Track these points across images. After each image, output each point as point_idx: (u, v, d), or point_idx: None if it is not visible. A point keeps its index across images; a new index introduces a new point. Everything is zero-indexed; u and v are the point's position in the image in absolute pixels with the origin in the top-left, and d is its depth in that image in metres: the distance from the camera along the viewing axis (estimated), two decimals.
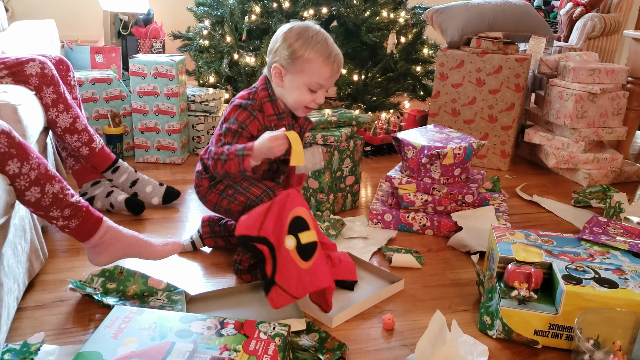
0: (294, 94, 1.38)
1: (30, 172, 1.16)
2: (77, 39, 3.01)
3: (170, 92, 2.28)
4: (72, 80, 1.85)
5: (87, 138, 1.79)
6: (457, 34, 2.49)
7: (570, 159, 2.37)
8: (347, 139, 1.92)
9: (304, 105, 1.39)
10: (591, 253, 1.43)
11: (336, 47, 1.38)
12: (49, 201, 1.22)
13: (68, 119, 1.73)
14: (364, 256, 1.64)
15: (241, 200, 1.44)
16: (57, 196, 1.22)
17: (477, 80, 2.45)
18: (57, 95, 1.70)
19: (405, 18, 2.73)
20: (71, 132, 1.75)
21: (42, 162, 1.20)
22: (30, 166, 1.16)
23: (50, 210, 1.24)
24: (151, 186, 1.94)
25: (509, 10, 2.53)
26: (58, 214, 1.25)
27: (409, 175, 1.87)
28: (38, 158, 1.19)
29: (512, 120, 2.45)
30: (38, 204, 1.21)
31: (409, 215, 1.84)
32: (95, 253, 1.34)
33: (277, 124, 1.41)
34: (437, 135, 1.92)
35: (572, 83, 2.32)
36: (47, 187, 1.20)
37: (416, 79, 2.84)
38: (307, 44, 1.33)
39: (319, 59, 1.33)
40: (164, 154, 2.38)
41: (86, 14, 3.04)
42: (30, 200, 1.20)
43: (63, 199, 1.24)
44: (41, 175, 1.19)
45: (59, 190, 1.22)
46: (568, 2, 3.10)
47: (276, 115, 1.42)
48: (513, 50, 2.47)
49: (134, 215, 1.86)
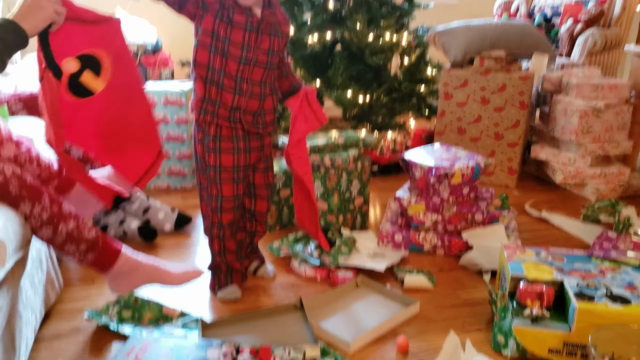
0: None
1: (42, 212, 1.18)
2: None
3: (181, 120, 2.32)
4: None
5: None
6: (460, 54, 2.52)
7: (577, 175, 2.38)
8: (354, 160, 1.95)
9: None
10: (602, 269, 1.43)
11: None
12: (62, 239, 1.23)
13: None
14: (378, 267, 1.66)
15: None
16: (72, 234, 1.24)
17: (482, 98, 2.47)
18: None
19: (408, 40, 2.76)
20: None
21: (56, 201, 1.22)
22: (42, 207, 1.19)
23: (65, 246, 1.25)
24: (163, 212, 1.97)
25: (510, 29, 2.57)
26: (74, 249, 1.27)
27: (418, 195, 1.89)
28: (51, 198, 1.21)
29: (517, 137, 2.47)
30: (52, 241, 1.23)
31: (419, 235, 1.85)
32: (116, 283, 1.36)
33: (234, 7, 1.33)
34: (444, 154, 1.94)
35: (576, 99, 2.34)
36: (60, 227, 1.22)
37: (421, 98, 2.87)
38: None
39: None
40: (174, 180, 2.41)
41: None
42: (43, 238, 1.22)
43: (78, 236, 1.25)
44: (54, 215, 1.21)
45: (74, 227, 1.24)
46: (568, 18, 3.14)
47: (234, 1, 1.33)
48: (516, 68, 2.50)
49: (146, 242, 1.88)
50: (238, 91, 1.38)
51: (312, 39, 2.57)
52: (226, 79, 1.36)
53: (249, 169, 1.50)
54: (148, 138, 1.45)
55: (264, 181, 1.56)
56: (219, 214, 1.48)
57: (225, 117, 1.39)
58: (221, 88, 1.37)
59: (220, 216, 1.48)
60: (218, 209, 1.48)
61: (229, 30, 1.33)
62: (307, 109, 1.50)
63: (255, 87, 1.40)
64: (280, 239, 1.86)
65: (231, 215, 1.49)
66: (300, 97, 1.50)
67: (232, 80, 1.37)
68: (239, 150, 1.44)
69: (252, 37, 1.36)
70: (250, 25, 1.35)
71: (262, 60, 1.39)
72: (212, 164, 1.44)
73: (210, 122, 1.41)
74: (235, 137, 1.43)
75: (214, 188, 1.47)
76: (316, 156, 1.89)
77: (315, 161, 1.89)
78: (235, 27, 1.34)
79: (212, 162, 1.44)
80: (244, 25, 1.34)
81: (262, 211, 1.60)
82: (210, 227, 1.52)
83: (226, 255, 1.54)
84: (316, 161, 1.89)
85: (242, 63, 1.36)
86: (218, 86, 1.37)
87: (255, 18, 1.36)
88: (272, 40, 1.40)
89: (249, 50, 1.36)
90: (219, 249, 1.54)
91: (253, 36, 1.36)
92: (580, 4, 3.22)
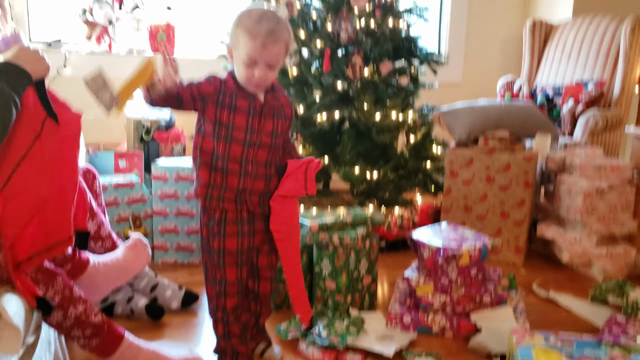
0: (237, 70, 1.39)
1: (54, 296, 1.21)
2: (100, 142, 3.15)
3: (190, 195, 2.36)
4: (98, 188, 1.93)
5: (110, 245, 1.84)
6: (465, 134, 2.59)
7: (583, 254, 2.39)
8: (362, 239, 1.97)
9: (247, 80, 1.38)
10: (612, 356, 1.42)
11: (273, 22, 1.35)
12: (70, 323, 1.25)
13: (93, 226, 1.79)
14: (387, 352, 1.64)
15: None
16: (80, 318, 1.26)
17: (487, 177, 2.52)
18: None
19: (413, 118, 2.85)
20: (95, 239, 1.81)
21: (68, 285, 1.24)
22: (55, 290, 1.21)
23: (72, 330, 1.27)
24: (170, 290, 1.97)
25: (513, 111, 2.65)
26: (79, 333, 1.28)
27: (426, 275, 1.89)
28: (64, 281, 1.24)
29: (523, 216, 2.50)
30: (60, 326, 1.25)
31: (428, 317, 1.84)
32: None
33: (237, 93, 1.39)
34: (452, 234, 1.96)
35: (580, 179, 2.38)
36: (70, 311, 1.24)
37: (427, 175, 2.92)
38: (241, 21, 1.35)
39: (246, 33, 1.33)
40: (182, 255, 2.43)
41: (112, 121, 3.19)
42: (52, 322, 1.24)
43: (85, 320, 1.27)
44: (65, 299, 1.23)
45: (82, 311, 1.26)
46: (569, 99, 3.23)
47: (236, 87, 1.40)
48: (520, 148, 2.56)
49: (153, 321, 1.88)
50: (243, 173, 1.41)
51: (321, 118, 2.66)
52: (231, 163, 1.39)
53: (253, 251, 1.51)
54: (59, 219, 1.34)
55: (267, 263, 1.56)
56: (222, 298, 1.49)
57: (231, 200, 1.42)
58: (226, 173, 1.40)
59: (224, 300, 1.49)
60: (222, 293, 1.48)
61: (232, 116, 1.38)
62: (301, 174, 1.48)
63: (260, 169, 1.44)
64: (288, 320, 1.85)
65: (235, 300, 1.50)
66: (303, 162, 1.49)
67: (237, 164, 1.40)
68: (243, 233, 1.45)
69: (256, 121, 1.40)
70: (253, 110, 1.40)
71: (266, 142, 1.42)
72: (216, 248, 1.45)
73: (216, 208, 1.43)
74: (240, 220, 1.44)
75: (217, 272, 1.47)
76: (324, 234, 1.91)
77: (324, 239, 1.91)
78: (238, 112, 1.38)
79: (216, 246, 1.45)
80: (247, 109, 1.39)
81: (266, 292, 1.60)
82: (215, 310, 1.52)
83: (231, 339, 1.53)
84: (325, 239, 1.91)
85: (247, 146, 1.40)
86: (223, 171, 1.40)
87: (258, 103, 1.41)
88: (275, 123, 1.44)
89: (253, 134, 1.40)
90: (223, 332, 1.53)
91: (256, 120, 1.40)
92: (580, 85, 3.33)
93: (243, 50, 1.34)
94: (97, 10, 3.26)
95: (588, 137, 3.05)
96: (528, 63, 3.82)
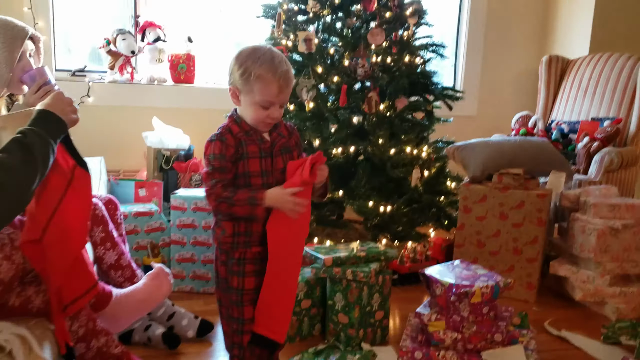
0: (249, 112, 1.42)
1: (79, 329, 1.26)
2: (120, 169, 3.23)
3: (208, 225, 2.41)
4: (119, 218, 1.99)
5: (130, 274, 1.89)
6: (479, 170, 2.62)
7: (596, 293, 2.39)
8: (376, 274, 1.99)
9: (260, 120, 1.42)
10: None
11: (284, 64, 1.40)
12: (92, 355, 1.30)
13: (114, 255, 1.85)
14: None
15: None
16: (101, 349, 1.31)
17: (501, 214, 2.54)
18: (105, 234, 1.83)
19: (428, 152, 2.89)
20: (115, 268, 1.86)
21: (92, 318, 1.29)
22: (79, 324, 1.26)
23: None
24: (187, 319, 2.01)
25: (528, 147, 2.68)
26: None
27: (438, 312, 1.91)
28: (88, 315, 1.29)
29: (536, 253, 2.51)
30: (82, 357, 1.30)
31: (439, 354, 1.85)
32: None
33: (245, 139, 1.42)
34: (464, 272, 1.98)
35: (594, 218, 2.39)
36: (92, 342, 1.29)
37: (440, 209, 2.94)
38: (255, 64, 1.37)
39: (266, 77, 1.37)
40: (198, 283, 2.47)
41: (131, 149, 3.28)
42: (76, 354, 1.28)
43: (106, 352, 1.32)
44: (89, 331, 1.28)
45: (104, 343, 1.31)
46: (585, 136, 3.25)
47: (244, 132, 1.43)
48: (534, 186, 2.58)
49: (169, 350, 1.91)
50: (266, 216, 1.43)
51: (337, 151, 2.71)
52: None
53: None
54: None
55: None
56: (240, 336, 1.50)
57: (257, 242, 1.45)
58: (250, 219, 1.43)
59: (241, 338, 1.49)
60: (239, 331, 1.49)
61: (246, 164, 1.42)
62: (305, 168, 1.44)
63: None
64: (301, 352, 1.88)
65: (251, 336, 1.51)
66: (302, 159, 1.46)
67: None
68: (262, 272, 1.46)
69: (268, 163, 1.44)
70: (264, 152, 1.44)
71: (281, 179, 1.45)
72: (235, 287, 1.47)
73: (240, 251, 1.46)
74: (258, 259, 1.47)
75: (235, 310, 1.48)
76: (338, 269, 1.94)
77: (338, 274, 1.95)
78: (251, 158, 1.42)
79: (235, 285, 1.47)
80: (258, 154, 1.43)
81: None
82: (231, 347, 1.53)
83: None
84: (338, 274, 1.94)
85: (265, 189, 1.42)
86: (246, 219, 1.43)
87: (266, 144, 1.45)
88: (284, 160, 1.47)
89: (268, 175, 1.44)
90: None
91: (268, 161, 1.44)
92: (596, 122, 3.35)
93: (258, 94, 1.39)
94: (120, 41, 3.37)
95: (603, 175, 3.06)
96: (544, 98, 3.86)
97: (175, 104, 3.48)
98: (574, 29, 3.95)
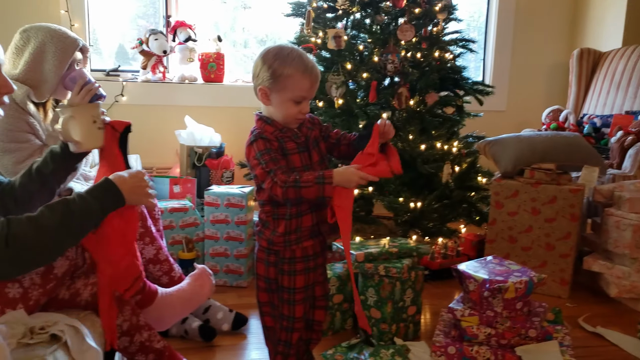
0: (282, 109, 1.43)
1: (123, 323, 1.30)
2: (154, 165, 3.29)
3: (240, 221, 2.45)
4: (157, 214, 2.03)
5: (168, 267, 1.94)
6: (511, 165, 2.61)
7: (632, 289, 2.36)
8: (408, 270, 2.00)
9: (293, 117, 1.45)
10: None
11: (310, 60, 1.45)
12: (135, 348, 1.34)
13: (152, 250, 1.89)
14: None
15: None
16: (144, 344, 1.35)
17: (533, 209, 2.52)
18: (144, 230, 1.88)
19: (458, 147, 2.88)
20: (154, 263, 1.90)
21: (135, 313, 1.34)
22: (124, 318, 1.30)
23: (136, 354, 1.36)
24: (222, 312, 2.05)
25: (560, 141, 2.65)
26: (143, 358, 1.37)
27: (471, 308, 1.91)
28: (132, 309, 1.33)
29: (569, 249, 2.49)
30: (126, 350, 1.34)
31: (472, 349, 1.86)
32: None
33: (282, 136, 1.44)
34: (497, 268, 1.98)
35: (629, 213, 2.36)
36: (135, 337, 1.33)
37: (471, 204, 2.93)
38: (285, 62, 1.40)
39: (298, 74, 1.40)
40: (231, 277, 2.51)
41: (164, 146, 3.34)
42: (119, 347, 1.33)
43: (149, 346, 1.36)
44: (132, 326, 1.32)
45: (147, 338, 1.35)
46: (618, 130, 3.20)
47: (279, 130, 1.45)
48: (566, 181, 2.56)
49: (205, 342, 1.95)
50: (314, 207, 1.47)
51: None
52: (302, 204, 1.45)
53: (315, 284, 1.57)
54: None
55: (323, 292, 1.61)
56: (289, 333, 1.52)
57: (307, 236, 1.48)
58: (301, 215, 1.46)
59: (289, 335, 1.52)
60: (289, 328, 1.52)
61: (289, 161, 1.44)
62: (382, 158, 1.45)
63: None
64: (334, 346, 1.90)
65: (299, 334, 1.54)
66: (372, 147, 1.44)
67: (306, 203, 1.45)
68: (310, 269, 1.49)
69: (305, 157, 1.47)
70: (300, 147, 1.47)
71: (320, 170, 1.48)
72: (286, 286, 1.49)
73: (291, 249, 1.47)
74: (305, 256, 1.49)
75: (286, 308, 1.50)
76: (370, 265, 1.96)
77: (370, 269, 1.96)
78: (291, 155, 1.45)
79: (286, 284, 1.49)
80: (296, 149, 1.46)
81: (321, 320, 1.64)
82: (276, 344, 1.55)
83: None
84: (370, 269, 1.96)
85: None
86: (298, 215, 1.46)
87: (301, 139, 1.48)
88: (319, 151, 1.51)
89: (309, 169, 1.46)
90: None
91: (305, 155, 1.47)
92: (630, 116, 3.30)
93: (293, 90, 1.41)
94: (153, 41, 3.43)
95: (637, 170, 3.01)
96: (575, 91, 3.81)
97: (206, 103, 3.53)
98: (606, 21, 3.89)
